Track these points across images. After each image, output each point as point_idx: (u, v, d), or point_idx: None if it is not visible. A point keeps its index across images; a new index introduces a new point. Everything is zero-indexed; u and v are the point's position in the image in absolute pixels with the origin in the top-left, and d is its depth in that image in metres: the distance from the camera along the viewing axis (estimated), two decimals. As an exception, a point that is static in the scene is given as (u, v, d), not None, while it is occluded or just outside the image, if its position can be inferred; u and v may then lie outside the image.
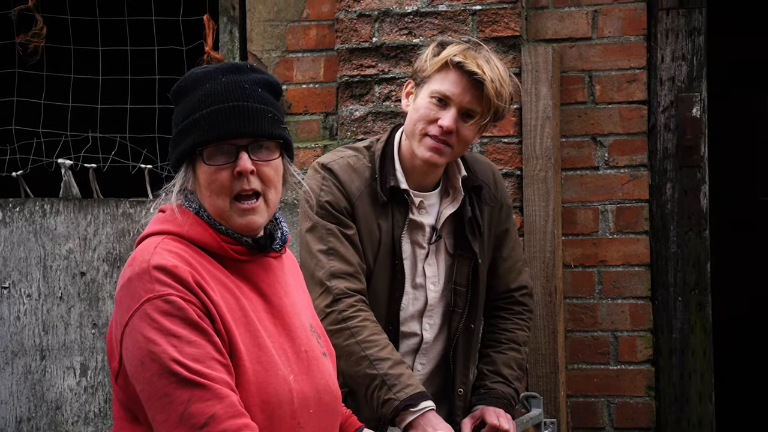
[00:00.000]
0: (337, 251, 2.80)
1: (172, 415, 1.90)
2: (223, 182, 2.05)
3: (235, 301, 2.05)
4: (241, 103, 2.04)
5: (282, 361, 2.07)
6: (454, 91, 2.78)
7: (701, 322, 3.76)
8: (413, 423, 2.68)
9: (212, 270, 2.06)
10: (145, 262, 1.99)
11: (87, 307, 4.01)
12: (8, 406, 4.04)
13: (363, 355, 2.72)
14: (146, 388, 1.94)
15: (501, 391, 2.96)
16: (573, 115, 3.81)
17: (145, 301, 1.96)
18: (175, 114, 2.11)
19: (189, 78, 2.10)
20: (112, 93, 4.27)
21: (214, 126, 2.03)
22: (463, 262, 2.95)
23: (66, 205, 4.04)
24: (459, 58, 2.77)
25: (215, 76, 2.07)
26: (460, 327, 2.96)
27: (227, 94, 2.05)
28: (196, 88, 2.07)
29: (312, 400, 2.11)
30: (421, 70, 2.84)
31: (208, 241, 2.07)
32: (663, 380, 3.77)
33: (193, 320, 1.95)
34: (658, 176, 3.79)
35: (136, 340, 1.95)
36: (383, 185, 2.87)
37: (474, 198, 2.95)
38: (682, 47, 3.78)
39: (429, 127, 2.80)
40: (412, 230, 2.91)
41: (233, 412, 1.92)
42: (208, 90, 2.05)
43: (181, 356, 1.92)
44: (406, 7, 3.77)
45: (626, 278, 3.78)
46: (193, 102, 2.06)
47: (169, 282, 1.97)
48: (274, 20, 4.04)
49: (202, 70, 2.10)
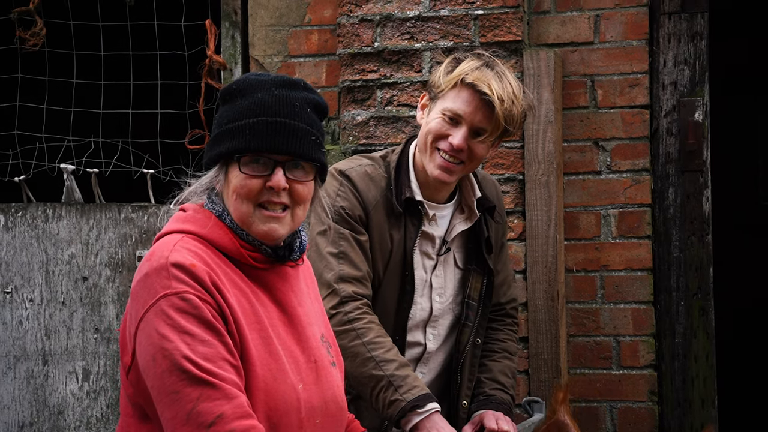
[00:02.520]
0: (348, 256, 2.82)
1: (180, 413, 1.91)
2: (252, 189, 2.07)
3: (250, 306, 2.07)
4: (289, 120, 2.07)
5: (292, 369, 2.08)
6: (465, 110, 2.80)
7: (704, 326, 3.75)
8: (419, 425, 2.68)
9: (230, 273, 2.07)
10: (164, 258, 2.00)
11: (89, 311, 4.01)
12: (11, 411, 4.03)
13: (369, 356, 2.73)
14: (156, 384, 1.95)
15: (500, 398, 2.99)
16: (575, 119, 3.81)
17: (161, 297, 1.97)
18: (220, 113, 2.13)
19: (242, 82, 2.11)
20: (114, 98, 4.27)
21: (258, 137, 2.05)
22: (478, 276, 2.99)
23: (68, 210, 4.04)
24: (471, 78, 2.79)
25: (268, 87, 2.09)
26: (470, 340, 3.00)
27: (276, 108, 2.07)
28: (247, 94, 2.09)
29: (319, 410, 2.12)
30: (436, 86, 2.86)
31: (227, 245, 2.09)
32: (665, 385, 3.76)
33: (207, 319, 1.97)
34: (660, 181, 3.78)
35: (150, 336, 1.96)
36: (398, 196, 2.89)
37: (488, 218, 3.00)
38: (684, 51, 3.78)
39: (439, 142, 2.83)
40: (423, 241, 2.94)
41: (241, 413, 1.93)
42: (259, 100, 2.07)
43: (193, 354, 1.93)
44: (407, 11, 3.77)
45: (628, 283, 3.77)
46: (241, 107, 2.08)
47: (187, 280, 1.98)
48: (276, 25, 4.04)
49: (257, 78, 2.12)
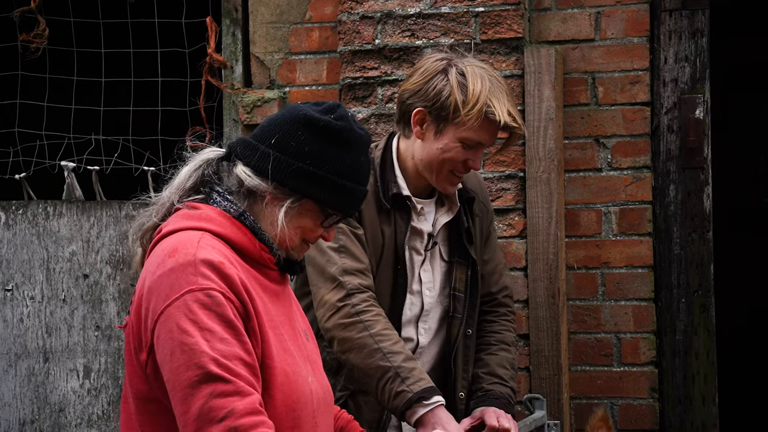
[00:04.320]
0: (348, 249, 2.84)
1: (193, 408, 1.92)
2: (309, 230, 2.16)
3: (264, 305, 2.09)
4: (366, 189, 2.21)
5: (302, 363, 2.13)
6: (486, 138, 2.87)
7: (704, 323, 3.75)
8: (423, 418, 2.69)
9: (250, 272, 2.10)
10: (191, 255, 2.00)
11: (90, 309, 4.01)
12: (12, 409, 4.04)
13: (376, 347, 2.74)
14: (172, 378, 1.95)
15: (498, 392, 2.98)
16: (576, 116, 3.81)
17: (186, 292, 1.97)
18: (322, 149, 2.12)
19: (351, 134, 2.15)
20: (114, 95, 4.27)
21: (353, 205, 2.18)
22: (461, 268, 3.01)
23: (69, 208, 4.04)
24: (494, 111, 2.80)
25: (365, 149, 2.19)
26: (460, 332, 3.01)
27: (365, 178, 2.19)
28: (351, 149, 2.14)
29: (323, 400, 2.18)
30: (444, 109, 2.82)
31: (248, 245, 2.11)
32: (666, 382, 3.76)
33: (229, 318, 1.98)
34: (661, 178, 3.78)
35: (170, 330, 1.96)
36: (385, 192, 2.91)
37: (467, 208, 3.02)
38: (685, 49, 3.77)
39: (456, 165, 2.87)
40: (412, 237, 2.96)
41: (252, 410, 1.94)
42: (362, 164, 2.17)
43: (212, 351, 1.94)
44: (408, 9, 3.77)
45: (629, 280, 3.77)
46: (347, 165, 2.14)
47: (213, 277, 1.99)
48: (276, 22, 4.04)
49: (360, 135, 2.17)
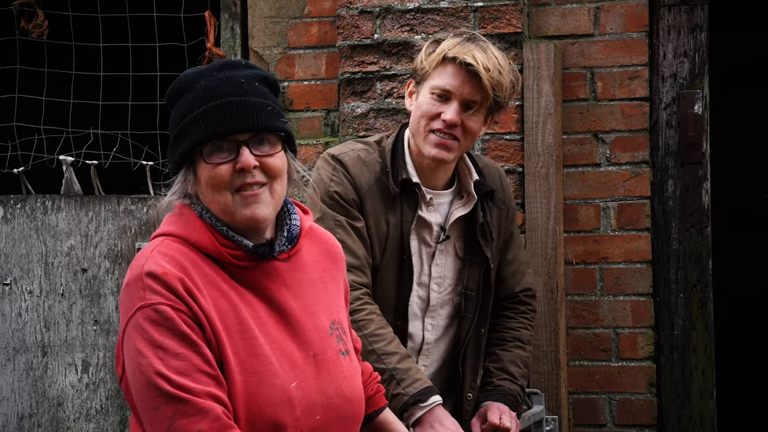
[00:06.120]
0: (345, 243, 2.76)
1: (160, 429, 1.90)
2: (224, 176, 2.00)
3: (231, 308, 2.01)
4: (239, 98, 1.99)
5: (285, 368, 2.02)
6: (453, 84, 2.78)
7: (703, 318, 3.76)
8: (421, 419, 2.68)
9: (211, 275, 2.01)
10: (140, 267, 1.97)
11: (88, 303, 4.01)
12: (10, 403, 4.04)
13: (370, 349, 2.71)
14: (137, 398, 1.94)
15: (507, 389, 2.95)
16: (575, 111, 3.81)
17: (137, 310, 1.94)
18: (171, 117, 2.06)
19: (183, 79, 2.05)
20: (113, 90, 4.27)
21: (212, 123, 1.97)
22: (474, 267, 2.95)
23: (67, 202, 4.03)
24: (454, 51, 2.78)
25: (209, 73, 2.03)
26: (470, 332, 2.96)
27: (223, 90, 1.99)
28: (190, 87, 2.03)
29: (320, 406, 2.05)
30: (420, 68, 2.85)
31: (207, 244, 2.02)
32: (664, 377, 3.77)
33: (181, 331, 1.93)
34: (659, 173, 3.78)
35: (129, 350, 1.95)
36: (395, 178, 2.85)
37: (486, 203, 2.95)
38: (684, 44, 3.77)
39: (433, 122, 2.80)
40: (420, 227, 2.90)
41: (219, 426, 1.90)
42: (204, 87, 2.01)
43: (166, 369, 1.90)
44: (407, 3, 3.77)
45: (628, 275, 3.77)
46: (188, 102, 2.01)
47: (159, 290, 1.94)
48: (275, 17, 4.03)
49: (196, 70, 2.06)
